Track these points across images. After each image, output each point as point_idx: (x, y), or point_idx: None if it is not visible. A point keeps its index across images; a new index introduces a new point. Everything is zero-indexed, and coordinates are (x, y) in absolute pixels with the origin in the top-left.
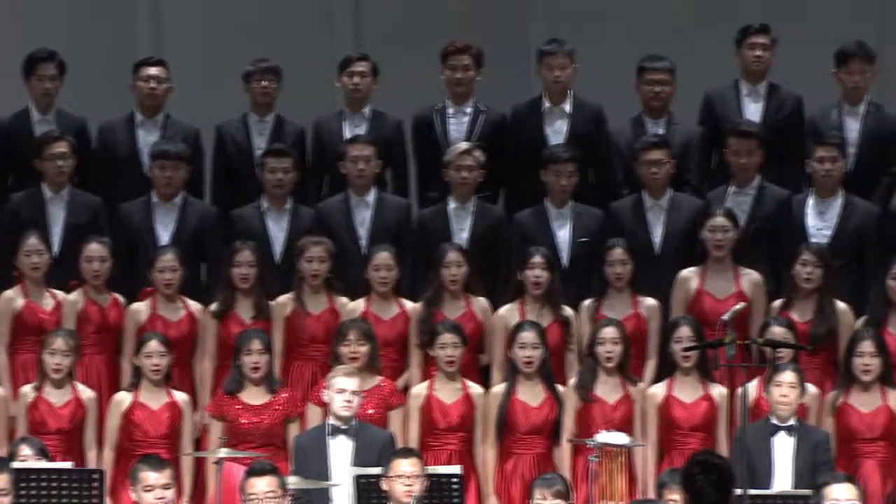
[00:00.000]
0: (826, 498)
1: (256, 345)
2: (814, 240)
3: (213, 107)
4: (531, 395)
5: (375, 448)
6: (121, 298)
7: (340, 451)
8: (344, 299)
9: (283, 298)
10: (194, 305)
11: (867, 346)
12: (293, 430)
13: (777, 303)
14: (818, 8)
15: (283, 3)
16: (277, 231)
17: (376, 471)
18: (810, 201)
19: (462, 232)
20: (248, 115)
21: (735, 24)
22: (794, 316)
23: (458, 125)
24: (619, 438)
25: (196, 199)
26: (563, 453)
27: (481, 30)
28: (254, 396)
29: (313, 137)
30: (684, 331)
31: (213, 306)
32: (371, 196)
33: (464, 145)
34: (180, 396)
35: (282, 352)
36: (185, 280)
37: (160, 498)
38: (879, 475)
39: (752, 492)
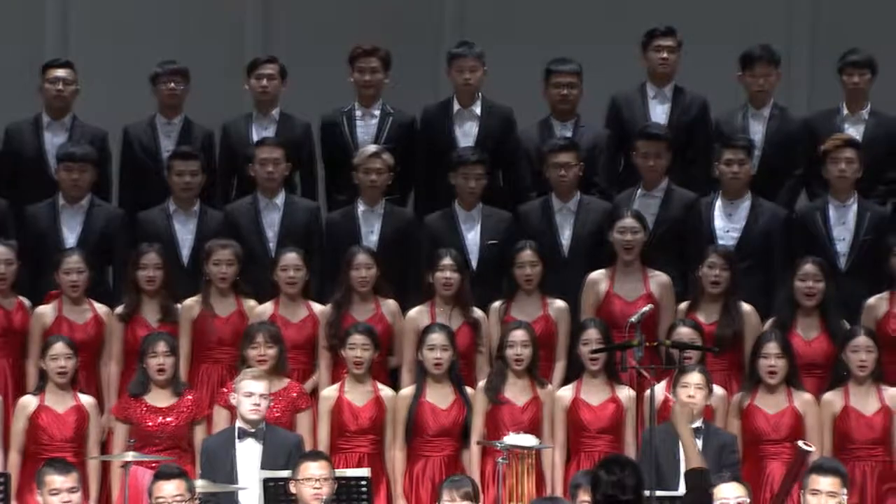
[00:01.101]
0: (715, 498)
1: (162, 347)
2: (721, 242)
3: (120, 109)
4: (440, 397)
5: (283, 451)
6: (26, 301)
7: (248, 454)
8: (252, 302)
9: (190, 301)
10: (100, 308)
11: (773, 347)
12: (200, 433)
13: (683, 305)
14: (723, 11)
15: (191, 5)
16: (185, 233)
17: (284, 474)
18: (718, 203)
19: (371, 234)
20: (155, 117)
21: (641, 26)
22: (701, 318)
23: (366, 128)
24: (528, 440)
25: (103, 201)
26: (472, 455)
27: (390, 32)
28: (159, 399)
29: (221, 140)
30: (592, 333)
31: (120, 309)
32: (280, 198)
33: (372, 148)
34: (86, 399)
35: (189, 354)
36: (91, 283)
37: (66, 501)
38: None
39: (660, 493)
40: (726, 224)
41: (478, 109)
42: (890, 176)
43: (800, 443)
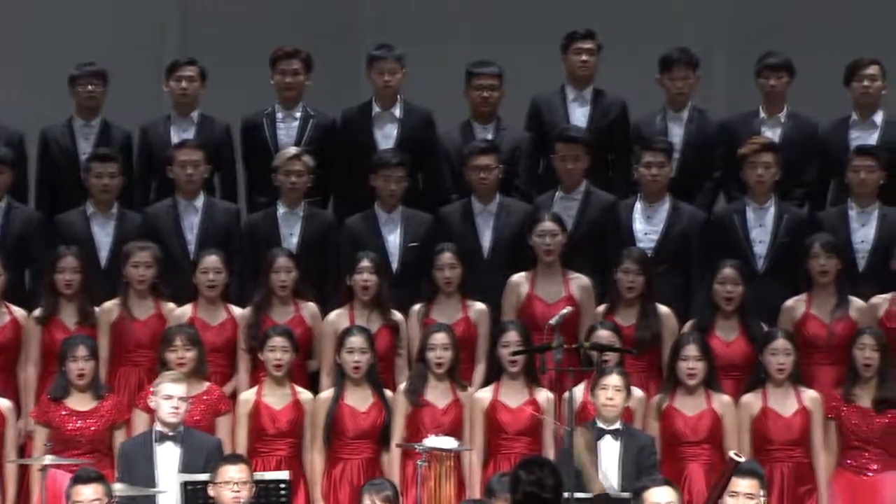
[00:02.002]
0: (645, 501)
1: (82, 351)
2: (640, 244)
3: (37, 111)
4: (359, 399)
5: (203, 454)
6: None
7: (167, 457)
8: (171, 305)
9: (108, 304)
10: (18, 311)
11: (692, 350)
12: (119, 437)
13: (602, 307)
14: (643, 14)
15: (110, 6)
16: (103, 236)
17: (203, 477)
18: (637, 206)
19: (291, 237)
20: (73, 119)
21: (561, 29)
22: (619, 320)
23: (287, 130)
24: (447, 443)
25: (20, 203)
26: (392, 458)
27: (311, 34)
28: (79, 402)
29: (140, 142)
30: (512, 335)
31: (38, 312)
32: (199, 201)
33: (293, 150)
34: (4, 403)
35: (108, 358)
36: (8, 285)
37: None
38: (704, 478)
39: (579, 495)
40: (645, 226)
41: (398, 112)
42: (808, 178)
43: (731, 453)
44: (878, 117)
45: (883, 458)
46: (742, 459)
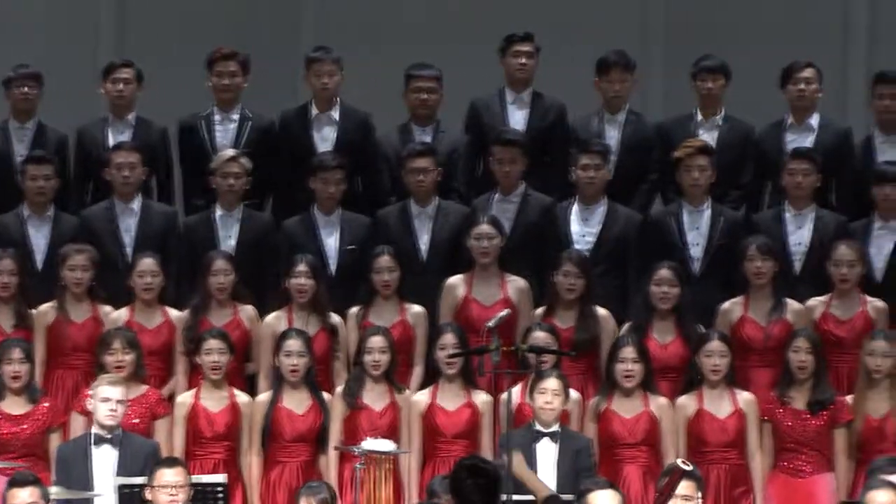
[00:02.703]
0: None
1: (17, 354)
2: (577, 246)
3: None
4: (297, 402)
5: (140, 457)
6: None
7: (104, 460)
8: (107, 308)
9: (44, 307)
10: None
11: (629, 352)
12: (55, 440)
13: (540, 309)
14: (580, 17)
15: (45, 8)
16: (39, 238)
17: (140, 480)
18: (574, 208)
19: (229, 239)
20: (8, 121)
21: (500, 32)
22: (557, 322)
23: (224, 132)
24: (385, 446)
25: None
26: (329, 461)
27: (248, 36)
28: (14, 406)
29: (76, 144)
30: (448, 338)
31: None
32: (136, 203)
33: (230, 152)
34: None
35: (44, 361)
36: None
37: None
38: (641, 480)
39: (516, 498)
40: (582, 228)
41: (336, 114)
42: (743, 181)
43: (678, 461)
44: (814, 120)
45: (817, 460)
46: (689, 468)
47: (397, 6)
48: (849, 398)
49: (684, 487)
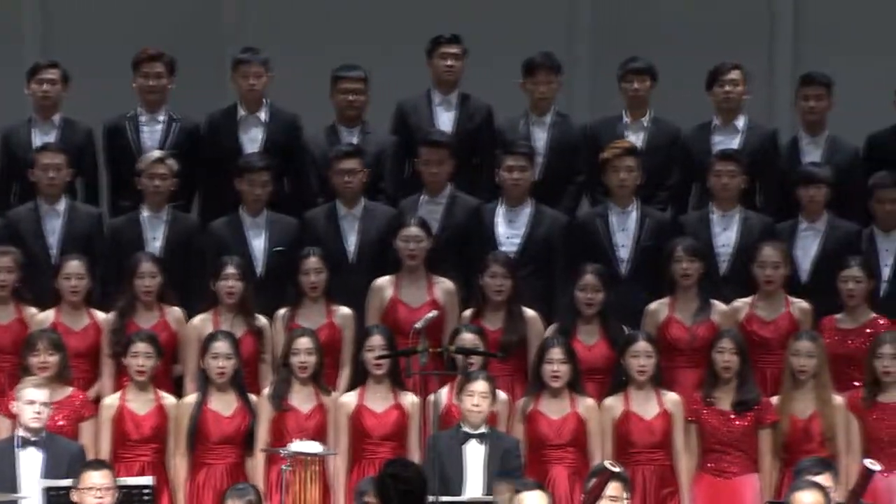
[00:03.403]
0: None
1: None
2: (504, 248)
3: None
4: (223, 404)
5: (65, 460)
6: None
7: (30, 462)
8: (33, 310)
9: None
10: None
11: (557, 353)
12: None
13: (468, 311)
14: (507, 19)
15: None
16: None
17: (66, 483)
18: (500, 210)
19: (155, 241)
20: None
21: (427, 33)
22: (485, 324)
23: (150, 133)
24: (312, 447)
25: None
26: (256, 463)
27: (175, 37)
28: None
29: (1, 145)
30: (376, 339)
31: None
32: (62, 205)
33: (156, 153)
34: None
35: None
36: None
37: None
38: (568, 481)
39: (444, 499)
40: (508, 230)
41: (263, 115)
42: (670, 182)
43: (606, 462)
44: (740, 122)
45: (743, 461)
46: (617, 469)
47: (324, 7)
48: (774, 399)
49: (612, 488)
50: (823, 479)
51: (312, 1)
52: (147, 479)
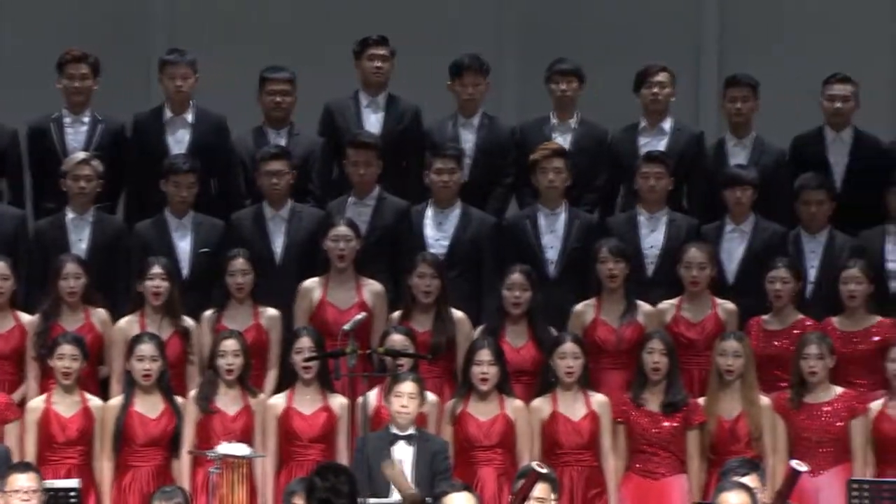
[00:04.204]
0: None
1: None
2: (432, 250)
3: None
4: (149, 406)
5: None
6: None
7: None
8: None
9: None
10: None
11: (485, 354)
12: None
13: (397, 313)
14: (435, 20)
15: None
16: None
17: None
18: (429, 212)
19: (80, 242)
20: None
21: (354, 34)
22: (414, 325)
23: (75, 134)
24: (240, 450)
25: None
26: (183, 465)
27: (100, 37)
28: None
29: None
30: (305, 341)
31: None
32: None
33: (81, 155)
34: None
35: None
36: None
37: None
38: (496, 482)
39: (372, 501)
40: (436, 232)
41: (190, 117)
42: (598, 184)
43: (534, 464)
44: (667, 124)
45: (670, 462)
46: (545, 470)
47: (252, 8)
48: (701, 400)
49: (539, 490)
50: (750, 479)
51: (240, 2)
52: (73, 482)
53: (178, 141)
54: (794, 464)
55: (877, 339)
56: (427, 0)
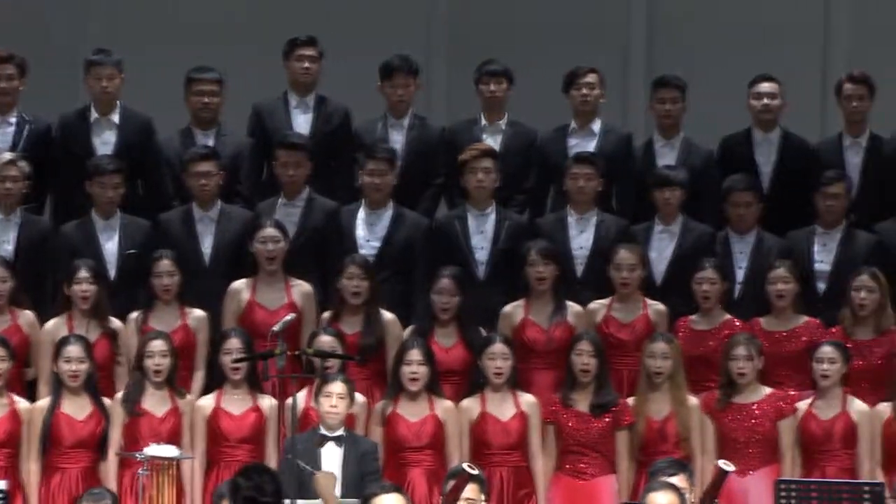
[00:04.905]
0: None
1: None
2: (363, 251)
3: None
4: (77, 408)
5: None
6: None
7: None
8: None
9: None
10: None
11: (415, 355)
12: None
13: (326, 314)
14: (364, 21)
15: None
16: None
17: None
18: (360, 213)
19: (6, 244)
20: None
21: (283, 35)
22: (344, 327)
23: (2, 135)
24: (168, 451)
25: None
26: (110, 467)
27: (26, 37)
28: None
29: None
30: (234, 342)
31: None
32: None
33: (7, 155)
34: None
35: None
36: None
37: None
38: (426, 483)
39: (300, 502)
40: (367, 233)
41: (116, 118)
42: (527, 185)
43: (464, 465)
44: (597, 125)
45: (599, 462)
46: (475, 471)
47: (178, 8)
48: (630, 400)
49: (469, 490)
50: (678, 480)
51: (167, 2)
52: (0, 484)
53: (105, 142)
54: (722, 464)
55: (804, 339)
56: (357, 1)
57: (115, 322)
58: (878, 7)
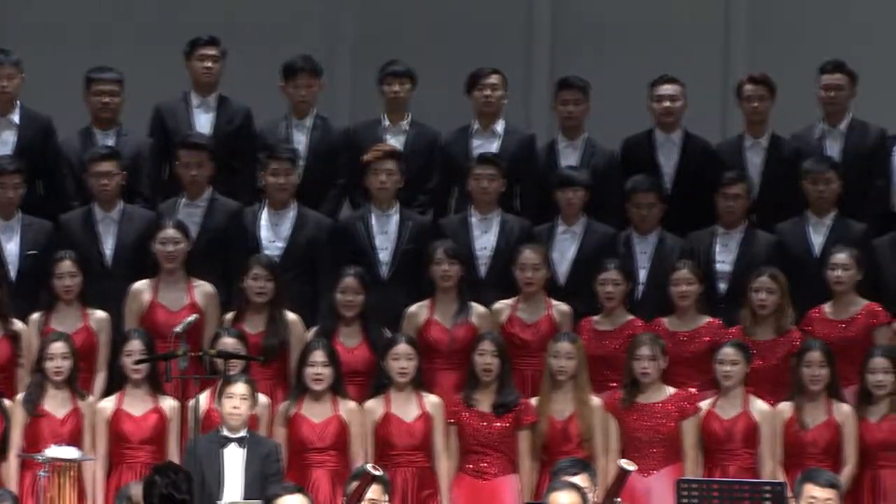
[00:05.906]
0: None
1: None
2: (267, 252)
3: None
4: None
5: None
6: None
7: None
8: None
9: None
10: None
11: (319, 355)
12: None
13: (229, 315)
14: (267, 21)
15: None
16: None
17: None
18: (264, 214)
19: None
20: None
21: (185, 35)
22: (247, 327)
23: None
24: (69, 453)
25: None
26: (11, 469)
27: None
28: None
29: None
30: (135, 344)
31: None
32: None
33: None
34: None
35: None
36: None
37: None
38: (329, 484)
39: None
40: (271, 234)
41: (16, 118)
42: (430, 185)
43: (368, 466)
44: (500, 126)
45: (502, 462)
46: (379, 472)
47: (79, 7)
48: (533, 400)
49: (372, 491)
50: (580, 479)
51: (66, 1)
52: None
53: (4, 142)
54: (623, 463)
55: (706, 339)
56: (259, 1)
57: (17, 323)
58: (778, 8)
